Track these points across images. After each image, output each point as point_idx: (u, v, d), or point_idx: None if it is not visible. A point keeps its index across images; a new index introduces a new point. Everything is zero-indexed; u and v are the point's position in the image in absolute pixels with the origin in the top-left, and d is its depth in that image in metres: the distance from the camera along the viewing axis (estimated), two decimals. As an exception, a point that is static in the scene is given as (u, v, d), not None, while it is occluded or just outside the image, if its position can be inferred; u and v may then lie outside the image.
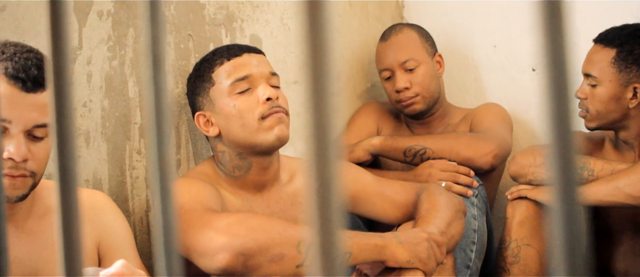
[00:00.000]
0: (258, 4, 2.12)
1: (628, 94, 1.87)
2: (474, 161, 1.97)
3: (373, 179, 1.78)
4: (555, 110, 0.33)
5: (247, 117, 1.59)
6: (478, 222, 1.87)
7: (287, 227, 1.41)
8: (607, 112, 1.89)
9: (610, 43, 1.88)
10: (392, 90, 2.18)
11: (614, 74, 1.86)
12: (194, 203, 1.46)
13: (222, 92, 1.62)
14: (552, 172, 0.34)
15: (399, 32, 2.20)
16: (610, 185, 1.76)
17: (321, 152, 0.33)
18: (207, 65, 1.68)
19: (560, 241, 0.34)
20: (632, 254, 1.99)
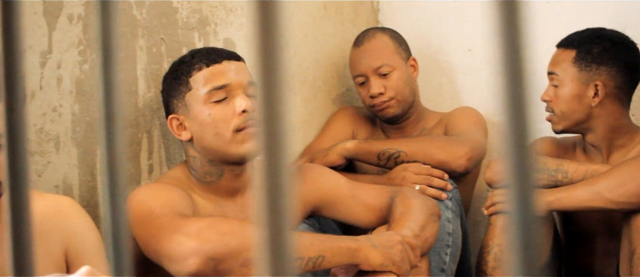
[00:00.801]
0: (232, 7, 2.11)
1: (590, 92, 1.89)
2: (448, 164, 1.97)
3: (347, 183, 1.77)
4: (511, 112, 0.33)
5: (222, 127, 1.56)
6: (452, 225, 1.86)
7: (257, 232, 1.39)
8: (571, 112, 1.91)
9: (570, 45, 1.93)
10: (367, 96, 2.18)
11: (575, 73, 1.90)
12: (165, 208, 1.44)
13: (198, 98, 1.59)
14: (509, 175, 0.33)
15: (372, 38, 2.20)
16: (589, 190, 1.76)
17: (271, 151, 0.32)
18: (185, 68, 1.64)
19: (516, 243, 0.33)
20: (606, 255, 2.00)
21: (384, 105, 2.16)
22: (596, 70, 1.88)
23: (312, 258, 1.41)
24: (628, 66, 1.90)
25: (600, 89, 1.88)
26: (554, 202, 1.82)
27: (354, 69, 2.22)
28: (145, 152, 1.88)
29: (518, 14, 0.33)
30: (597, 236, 2.03)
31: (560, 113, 1.93)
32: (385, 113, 2.18)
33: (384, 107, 2.17)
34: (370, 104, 2.19)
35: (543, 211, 1.84)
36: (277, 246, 0.33)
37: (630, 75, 1.92)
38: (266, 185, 0.32)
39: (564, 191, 1.81)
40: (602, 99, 1.89)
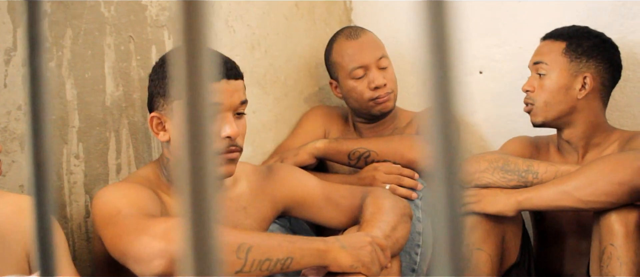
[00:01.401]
0: (202, 5, 2.09)
1: (577, 85, 1.89)
2: (419, 164, 1.96)
3: (318, 183, 1.76)
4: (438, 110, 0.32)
5: None
6: (423, 225, 1.86)
7: (226, 232, 1.38)
8: (555, 103, 1.91)
9: (559, 37, 1.92)
10: (366, 88, 2.13)
11: (565, 63, 1.89)
12: (131, 208, 1.41)
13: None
14: (435, 172, 0.32)
15: (365, 32, 2.18)
16: (558, 189, 1.76)
17: (196, 149, 0.30)
18: None
19: (444, 241, 0.32)
20: (578, 254, 2.00)
21: (387, 98, 2.14)
22: (586, 63, 1.88)
23: (280, 259, 1.39)
24: (613, 64, 1.91)
25: (588, 82, 1.88)
26: (524, 201, 1.81)
27: (352, 61, 2.15)
28: (113, 151, 1.85)
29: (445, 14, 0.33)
30: (568, 236, 2.03)
31: (543, 103, 1.91)
32: (385, 106, 2.15)
33: (386, 99, 2.14)
34: (370, 97, 2.13)
35: (513, 211, 1.84)
36: (201, 246, 0.31)
37: (614, 74, 1.92)
38: (190, 184, 0.31)
39: (533, 191, 1.81)
40: (587, 93, 1.89)
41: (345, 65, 2.15)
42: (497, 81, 2.32)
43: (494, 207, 1.85)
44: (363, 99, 2.14)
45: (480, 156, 1.94)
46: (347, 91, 2.17)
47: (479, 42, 2.34)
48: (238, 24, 2.18)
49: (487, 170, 1.88)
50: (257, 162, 2.17)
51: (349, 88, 2.16)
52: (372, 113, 2.17)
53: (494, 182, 1.87)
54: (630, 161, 1.70)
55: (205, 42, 0.29)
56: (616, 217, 1.70)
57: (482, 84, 2.35)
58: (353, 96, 2.16)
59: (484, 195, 1.87)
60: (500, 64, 2.30)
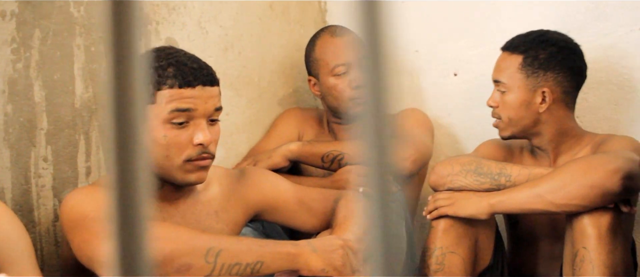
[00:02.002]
0: (174, 6, 2.07)
1: (537, 99, 1.89)
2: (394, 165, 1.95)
3: (290, 187, 1.74)
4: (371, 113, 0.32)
5: (173, 153, 1.48)
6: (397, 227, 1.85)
7: (194, 236, 1.36)
8: (519, 119, 1.91)
9: (516, 49, 1.91)
10: (347, 87, 2.12)
11: (522, 80, 1.89)
12: (99, 212, 1.39)
13: (158, 115, 1.48)
14: (367, 175, 0.32)
15: (350, 32, 2.16)
16: (531, 192, 1.76)
17: (126, 152, 0.29)
18: (157, 77, 1.49)
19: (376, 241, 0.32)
20: (551, 258, 2.01)
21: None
22: (543, 77, 1.88)
23: (250, 264, 1.37)
24: (573, 70, 1.90)
25: (547, 96, 1.88)
26: (496, 204, 1.81)
27: (335, 58, 2.13)
28: (82, 154, 1.82)
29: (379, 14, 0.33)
30: (541, 239, 2.03)
31: (507, 119, 1.92)
32: None
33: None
34: (352, 95, 2.11)
35: (486, 214, 1.83)
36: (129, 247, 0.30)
37: (576, 79, 1.92)
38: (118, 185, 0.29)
39: (505, 194, 1.80)
40: (549, 105, 1.88)
41: (328, 62, 2.14)
42: (471, 83, 2.32)
43: (466, 210, 1.84)
44: (343, 98, 2.13)
45: (453, 159, 1.94)
46: (327, 89, 2.16)
47: (454, 44, 2.34)
48: (211, 25, 2.16)
49: (460, 173, 1.88)
50: (230, 165, 2.15)
51: (329, 85, 2.15)
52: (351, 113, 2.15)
53: (466, 185, 1.87)
54: (602, 164, 1.70)
55: (134, 44, 0.28)
56: (589, 220, 1.70)
57: (457, 86, 2.35)
58: (333, 94, 2.15)
59: (457, 198, 1.86)
60: (475, 66, 2.30)
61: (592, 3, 2.12)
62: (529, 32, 1.94)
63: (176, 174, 1.50)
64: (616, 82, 2.11)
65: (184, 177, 1.50)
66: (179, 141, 1.48)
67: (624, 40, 2.08)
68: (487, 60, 2.16)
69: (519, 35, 1.94)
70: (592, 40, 2.04)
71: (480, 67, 2.27)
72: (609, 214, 1.70)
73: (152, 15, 2.00)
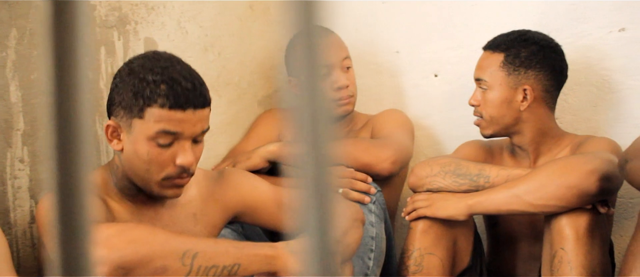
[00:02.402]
0: (154, 5, 2.05)
1: (518, 97, 1.90)
2: (372, 167, 1.95)
3: (270, 189, 1.73)
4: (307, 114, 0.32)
5: (154, 170, 1.47)
6: (376, 229, 1.84)
7: (170, 239, 1.35)
8: (500, 117, 1.92)
9: (497, 48, 1.92)
10: (328, 88, 2.11)
11: (504, 78, 1.90)
12: (75, 214, 1.38)
13: (144, 132, 1.45)
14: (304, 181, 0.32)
15: (331, 32, 2.17)
16: (509, 193, 1.76)
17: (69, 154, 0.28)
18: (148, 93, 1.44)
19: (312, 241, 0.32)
20: (530, 259, 2.01)
21: (348, 100, 2.12)
22: (524, 75, 1.89)
23: (227, 266, 1.36)
24: (555, 69, 1.91)
25: (528, 93, 1.89)
26: (474, 205, 1.81)
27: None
28: (60, 155, 1.80)
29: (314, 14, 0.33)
30: (520, 240, 2.04)
31: (489, 118, 1.93)
32: (345, 109, 2.13)
33: (347, 102, 2.13)
34: (333, 97, 2.11)
35: (464, 215, 1.83)
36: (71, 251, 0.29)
37: (557, 78, 1.93)
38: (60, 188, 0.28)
39: (484, 194, 1.81)
40: (530, 103, 1.89)
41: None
42: (452, 84, 2.32)
43: (445, 211, 1.84)
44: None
45: (432, 160, 1.94)
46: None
47: (434, 45, 2.34)
48: (191, 25, 2.15)
49: (438, 174, 1.88)
50: (209, 165, 2.14)
51: None
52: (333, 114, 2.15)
53: (445, 186, 1.87)
54: (579, 165, 1.70)
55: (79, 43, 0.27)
56: (567, 221, 1.70)
57: (437, 87, 2.35)
58: None
59: (435, 199, 1.86)
60: (455, 67, 2.31)
61: (571, 5, 2.13)
62: (510, 32, 1.95)
63: (153, 188, 1.49)
64: (595, 83, 2.11)
65: (160, 191, 1.50)
66: (161, 159, 1.46)
67: (603, 42, 2.09)
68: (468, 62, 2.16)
69: (500, 35, 1.96)
70: (571, 41, 2.05)
71: (461, 68, 2.27)
72: (587, 215, 1.70)
73: (130, 15, 1.99)
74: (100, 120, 1.91)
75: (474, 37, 2.20)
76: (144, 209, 1.57)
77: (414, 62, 2.39)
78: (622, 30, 2.06)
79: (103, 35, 1.91)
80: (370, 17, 2.43)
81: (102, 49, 1.91)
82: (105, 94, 1.93)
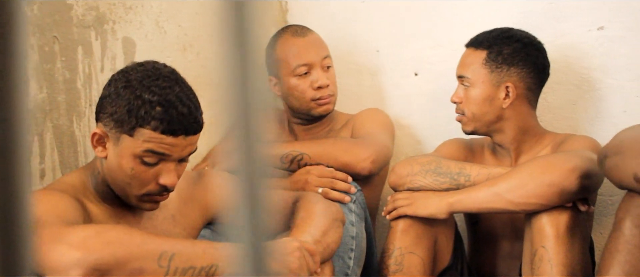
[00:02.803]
0: (131, 5, 2.03)
1: (501, 94, 1.90)
2: (352, 167, 1.94)
3: (248, 188, 1.72)
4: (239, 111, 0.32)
5: (135, 185, 1.46)
6: (356, 228, 1.84)
7: (147, 240, 1.33)
8: (483, 114, 1.92)
9: (480, 45, 1.92)
10: (308, 87, 2.10)
11: (486, 75, 1.90)
12: (51, 216, 1.36)
13: (131, 148, 1.44)
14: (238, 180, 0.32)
15: (312, 31, 2.17)
16: (489, 191, 1.76)
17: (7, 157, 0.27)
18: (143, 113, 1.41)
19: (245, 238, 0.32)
20: (511, 257, 2.01)
21: (327, 100, 2.12)
22: (507, 72, 1.89)
23: (204, 267, 1.35)
24: (537, 67, 1.92)
25: (511, 91, 1.89)
26: (455, 204, 1.81)
27: (297, 58, 2.11)
28: (36, 156, 1.79)
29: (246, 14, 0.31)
30: (502, 239, 2.04)
31: (471, 114, 1.93)
32: (325, 109, 2.12)
33: (327, 101, 2.12)
34: (312, 96, 2.10)
35: (445, 214, 1.83)
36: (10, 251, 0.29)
37: (539, 75, 1.93)
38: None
39: (464, 193, 1.80)
40: (513, 101, 1.89)
41: (290, 62, 2.12)
42: (432, 83, 2.32)
43: (425, 210, 1.84)
44: (305, 98, 2.11)
45: (412, 159, 1.94)
46: (288, 89, 2.14)
47: (414, 44, 2.34)
48: (169, 24, 2.13)
49: (419, 173, 1.87)
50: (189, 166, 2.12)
51: (290, 86, 2.13)
52: (312, 114, 2.14)
53: (426, 185, 1.86)
54: (560, 163, 1.70)
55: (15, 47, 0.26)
56: (547, 219, 1.70)
57: (418, 86, 2.35)
58: (294, 95, 2.13)
59: (416, 198, 1.86)
60: (435, 66, 2.30)
61: (550, 4, 2.13)
62: (493, 29, 1.96)
63: (131, 200, 1.50)
64: (575, 82, 2.12)
65: (137, 204, 1.51)
66: (145, 177, 1.46)
67: (582, 41, 2.09)
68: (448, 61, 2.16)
69: (483, 32, 1.96)
70: (550, 40, 2.05)
71: (441, 67, 2.27)
72: (567, 213, 1.71)
73: (108, 14, 1.97)
74: (77, 120, 1.89)
75: (454, 36, 2.19)
76: (123, 212, 1.56)
77: (394, 61, 2.38)
78: (601, 29, 2.07)
79: (80, 35, 1.89)
80: (350, 16, 2.42)
81: (79, 48, 1.89)
82: (82, 94, 1.91)
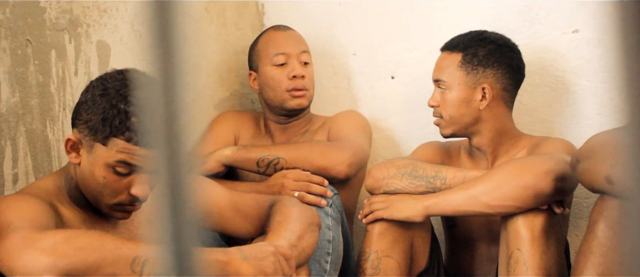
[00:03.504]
0: (106, 8, 2.02)
1: (477, 96, 1.91)
2: (329, 170, 1.94)
3: (225, 193, 1.71)
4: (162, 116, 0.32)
5: (107, 194, 1.45)
6: (333, 232, 1.83)
7: (120, 245, 1.32)
8: (460, 116, 1.92)
9: (455, 48, 1.93)
10: (284, 77, 2.11)
11: (462, 77, 1.91)
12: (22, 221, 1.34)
13: (104, 157, 1.43)
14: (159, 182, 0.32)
15: (294, 30, 2.21)
16: (465, 194, 1.77)
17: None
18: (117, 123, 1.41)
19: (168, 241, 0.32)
20: (488, 260, 2.02)
21: (303, 92, 2.12)
22: (483, 73, 1.90)
23: (178, 272, 1.34)
24: (512, 68, 1.93)
25: (487, 92, 1.90)
26: (431, 207, 1.81)
27: (276, 47, 2.13)
28: (9, 160, 1.76)
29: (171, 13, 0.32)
30: (478, 241, 2.04)
31: (448, 117, 1.93)
32: (299, 103, 2.13)
33: (302, 94, 2.12)
34: (288, 87, 2.11)
35: (421, 217, 1.83)
36: None
37: (515, 76, 1.94)
38: None
39: (440, 196, 1.81)
40: (489, 102, 1.90)
41: (269, 51, 2.14)
42: (408, 86, 2.32)
43: (401, 213, 1.84)
44: (280, 88, 2.12)
45: (389, 162, 1.94)
46: (265, 80, 2.15)
47: (390, 47, 2.34)
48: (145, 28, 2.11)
49: (395, 176, 1.87)
50: (165, 170, 2.10)
51: (267, 76, 2.14)
52: (287, 107, 2.14)
53: (402, 188, 1.86)
54: (535, 166, 1.71)
55: None
56: (522, 221, 1.71)
57: (394, 89, 2.35)
58: (270, 84, 2.14)
59: (392, 201, 1.86)
60: (412, 69, 2.31)
61: (525, 6, 2.14)
62: (467, 32, 1.97)
63: (103, 208, 1.50)
64: (550, 84, 2.13)
65: (108, 213, 1.51)
66: (116, 186, 1.45)
67: (557, 43, 2.10)
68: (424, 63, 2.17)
69: (457, 35, 1.97)
70: (526, 43, 2.06)
71: (417, 69, 2.27)
72: (542, 216, 1.71)
73: (82, 17, 1.95)
74: (51, 124, 1.87)
75: (430, 39, 2.20)
76: (96, 216, 1.54)
77: (370, 64, 2.38)
78: (575, 31, 2.08)
79: (53, 38, 1.87)
80: (327, 19, 2.42)
81: (52, 52, 1.87)
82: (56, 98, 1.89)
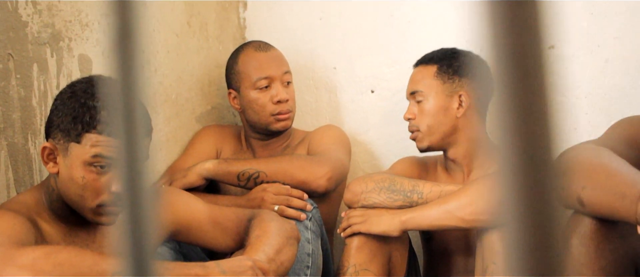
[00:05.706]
0: (88, 22, 2.03)
1: (454, 104, 1.94)
2: (308, 184, 1.96)
3: (204, 207, 1.72)
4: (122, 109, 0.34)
5: (88, 195, 1.46)
6: (312, 245, 1.85)
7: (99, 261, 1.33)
8: (438, 125, 1.95)
9: (429, 61, 1.98)
10: (268, 101, 2.12)
11: (439, 86, 1.95)
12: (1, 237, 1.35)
13: (80, 156, 1.44)
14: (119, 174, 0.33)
15: (274, 48, 2.20)
16: (441, 209, 1.79)
17: None
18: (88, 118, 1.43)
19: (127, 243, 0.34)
20: (465, 272, 2.04)
21: (287, 115, 2.14)
22: (459, 82, 1.94)
23: (158, 287, 1.35)
24: (484, 79, 1.96)
25: (464, 99, 1.93)
26: (407, 221, 1.84)
27: (258, 71, 2.14)
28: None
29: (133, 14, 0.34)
30: (455, 254, 2.07)
31: (426, 128, 1.96)
32: (284, 125, 2.15)
33: (286, 117, 2.14)
34: (272, 111, 2.13)
35: (398, 231, 1.85)
36: None
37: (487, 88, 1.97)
38: None
39: (417, 210, 1.83)
40: (466, 110, 1.93)
41: (251, 75, 2.14)
42: (388, 100, 2.35)
43: (378, 227, 1.86)
44: (264, 113, 2.13)
45: (367, 176, 1.96)
46: (247, 102, 2.15)
47: (370, 61, 2.37)
48: (126, 41, 2.13)
49: (373, 190, 1.90)
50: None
51: (250, 99, 2.15)
52: (271, 128, 2.16)
53: (380, 202, 1.89)
54: (509, 181, 1.73)
55: None
56: (498, 236, 1.73)
57: (374, 103, 2.38)
58: (254, 108, 2.15)
59: (370, 215, 1.88)
60: (391, 83, 2.33)
61: (503, 22, 2.17)
62: (439, 49, 2.01)
63: (87, 214, 1.49)
64: (526, 99, 2.16)
65: (93, 218, 1.50)
66: (97, 185, 1.45)
67: (533, 59, 2.13)
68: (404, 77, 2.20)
69: (430, 52, 2.01)
70: (503, 58, 2.09)
71: (397, 84, 2.30)
72: (518, 230, 1.73)
73: (64, 31, 1.96)
74: (32, 138, 1.88)
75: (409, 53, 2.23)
76: (77, 230, 1.55)
77: (350, 78, 2.41)
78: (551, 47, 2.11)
79: (35, 52, 1.88)
80: (308, 33, 2.44)
81: (34, 66, 1.88)
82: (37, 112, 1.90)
